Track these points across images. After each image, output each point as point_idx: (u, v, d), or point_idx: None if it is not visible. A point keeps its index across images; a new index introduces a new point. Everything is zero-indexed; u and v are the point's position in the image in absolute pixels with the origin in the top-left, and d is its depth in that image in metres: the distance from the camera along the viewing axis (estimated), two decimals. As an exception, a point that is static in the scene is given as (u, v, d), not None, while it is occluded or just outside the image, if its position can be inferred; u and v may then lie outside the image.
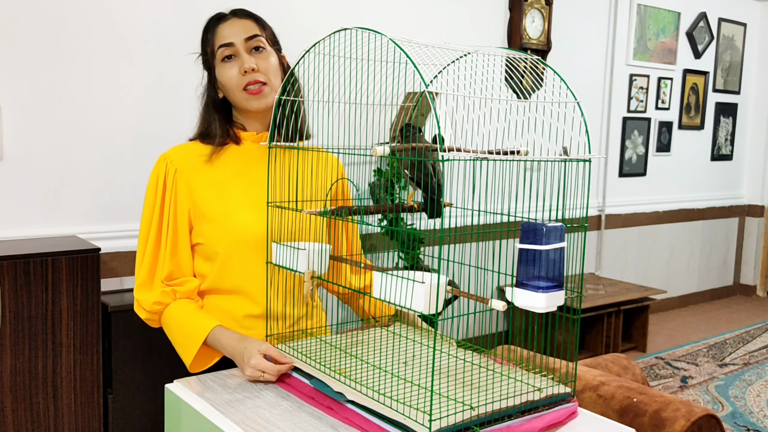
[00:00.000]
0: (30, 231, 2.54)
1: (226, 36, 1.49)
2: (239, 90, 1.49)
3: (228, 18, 1.52)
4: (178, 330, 1.46)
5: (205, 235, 1.49)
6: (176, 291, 1.48)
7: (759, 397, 3.63)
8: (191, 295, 1.50)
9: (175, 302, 1.47)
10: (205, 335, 1.42)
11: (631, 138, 4.89)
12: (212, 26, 1.53)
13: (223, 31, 1.50)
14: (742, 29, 5.67)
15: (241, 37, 1.49)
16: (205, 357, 1.47)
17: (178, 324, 1.46)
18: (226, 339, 1.40)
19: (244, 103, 1.51)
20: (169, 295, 1.47)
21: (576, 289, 1.15)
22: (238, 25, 1.50)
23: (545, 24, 4.12)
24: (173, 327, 1.47)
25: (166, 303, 1.47)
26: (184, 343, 1.45)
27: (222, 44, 1.49)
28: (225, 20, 1.52)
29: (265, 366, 1.30)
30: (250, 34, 1.50)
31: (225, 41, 1.49)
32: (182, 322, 1.45)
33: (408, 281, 1.07)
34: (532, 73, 1.32)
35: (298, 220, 1.47)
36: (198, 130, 1.56)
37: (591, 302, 3.96)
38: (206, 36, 1.54)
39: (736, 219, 5.92)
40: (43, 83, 2.54)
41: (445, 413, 1.06)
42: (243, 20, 1.51)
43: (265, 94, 1.50)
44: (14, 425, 2.19)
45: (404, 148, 1.18)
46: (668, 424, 1.44)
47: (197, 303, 1.50)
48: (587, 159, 1.14)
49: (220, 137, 1.51)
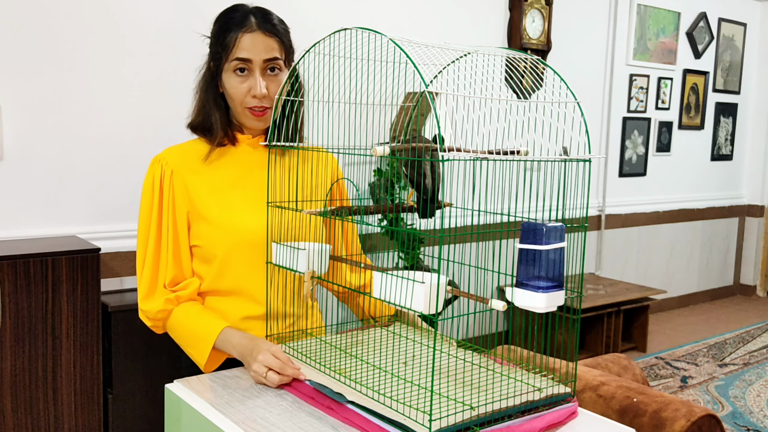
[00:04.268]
0: (30, 231, 2.54)
1: (247, 51, 1.42)
2: (242, 106, 1.47)
3: (253, 29, 1.42)
4: (186, 334, 1.45)
5: (203, 237, 1.48)
6: (179, 296, 1.47)
7: (759, 397, 3.63)
8: (193, 297, 1.49)
9: (179, 307, 1.47)
10: (215, 337, 1.41)
11: (631, 138, 4.89)
12: (234, 29, 1.43)
13: (245, 43, 1.42)
14: (742, 29, 5.67)
15: (261, 57, 1.43)
16: (215, 357, 1.46)
17: (185, 328, 1.45)
18: (237, 339, 1.39)
19: (243, 118, 1.49)
20: (173, 302, 1.46)
21: (576, 289, 1.15)
22: (261, 43, 1.43)
23: (545, 24, 4.12)
24: (181, 331, 1.46)
25: (170, 309, 1.47)
26: (195, 346, 1.44)
27: (240, 57, 1.43)
28: (250, 30, 1.42)
29: (273, 362, 1.27)
30: (270, 56, 1.44)
31: (243, 56, 1.42)
32: (190, 325, 1.44)
33: (408, 281, 1.07)
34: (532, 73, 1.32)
35: (297, 220, 1.46)
36: (195, 119, 1.52)
37: (591, 302, 3.96)
38: (225, 35, 1.44)
39: (736, 219, 5.91)
40: (43, 83, 2.54)
41: (445, 413, 1.06)
42: (268, 38, 1.43)
43: (266, 118, 1.48)
44: (14, 425, 2.19)
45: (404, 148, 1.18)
46: (668, 424, 1.44)
47: (201, 304, 1.50)
48: (587, 159, 1.14)
49: (219, 137, 1.50)
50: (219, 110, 1.50)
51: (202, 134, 1.52)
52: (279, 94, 1.41)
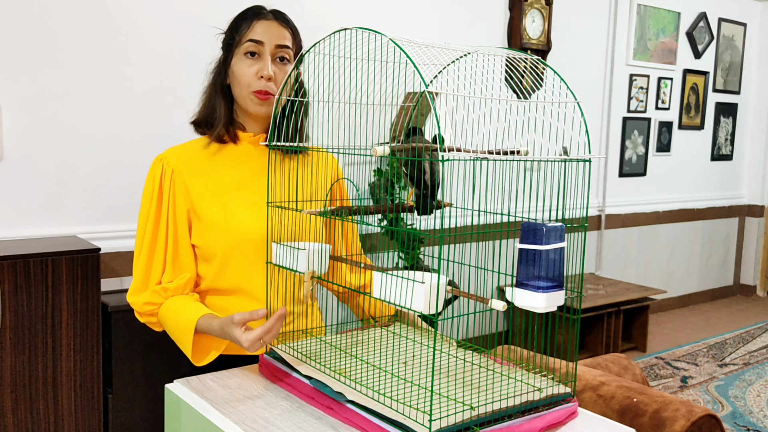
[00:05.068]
0: (30, 231, 2.54)
1: (260, 34, 1.48)
2: (248, 89, 1.48)
3: (268, 17, 1.50)
4: (173, 325, 1.45)
5: (203, 237, 1.48)
6: (166, 288, 1.47)
7: (759, 397, 3.63)
8: (183, 291, 1.49)
9: (167, 300, 1.47)
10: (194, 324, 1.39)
11: (631, 138, 4.89)
12: (249, 16, 1.50)
13: (259, 27, 1.48)
14: (742, 29, 5.67)
15: (274, 42, 1.48)
16: (205, 348, 1.45)
17: (171, 320, 1.45)
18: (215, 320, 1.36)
19: (246, 102, 1.50)
20: (159, 294, 1.46)
21: (576, 289, 1.15)
22: (275, 29, 1.49)
23: (545, 24, 4.12)
24: (168, 324, 1.46)
25: (159, 303, 1.46)
26: (180, 337, 1.43)
27: (252, 39, 1.48)
28: (265, 18, 1.49)
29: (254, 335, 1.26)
30: (282, 42, 1.49)
31: (256, 38, 1.47)
32: (174, 316, 1.44)
33: (408, 281, 1.07)
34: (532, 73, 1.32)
35: (297, 220, 1.46)
36: (200, 115, 1.54)
37: (591, 302, 3.96)
38: (239, 22, 1.51)
39: (736, 219, 5.92)
40: (43, 83, 2.54)
41: (445, 413, 1.06)
42: (281, 27, 1.50)
43: (270, 103, 1.50)
44: (14, 425, 2.19)
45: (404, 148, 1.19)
46: (668, 424, 1.44)
47: (190, 296, 1.49)
48: (587, 159, 1.14)
49: (221, 129, 1.50)
50: (224, 99, 1.53)
51: (204, 130, 1.53)
52: (279, 94, 1.41)
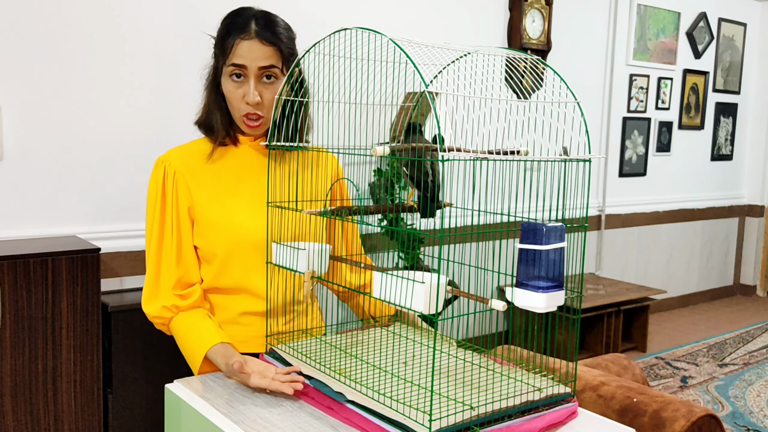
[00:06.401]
0: (30, 231, 2.54)
1: (242, 57, 1.42)
2: (238, 112, 1.47)
3: (251, 37, 1.42)
4: (182, 343, 1.46)
5: (203, 238, 1.48)
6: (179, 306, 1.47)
7: (759, 397, 3.63)
8: (196, 305, 1.49)
9: (180, 314, 1.47)
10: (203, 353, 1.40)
11: (631, 138, 4.89)
12: (233, 34, 1.42)
13: (241, 49, 1.41)
14: (742, 29, 5.67)
15: (257, 64, 1.42)
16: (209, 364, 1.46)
17: (182, 338, 1.46)
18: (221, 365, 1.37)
19: (240, 123, 1.49)
20: (171, 310, 1.46)
21: (576, 289, 1.15)
22: (257, 51, 1.42)
23: (545, 24, 4.12)
24: (179, 340, 1.48)
25: (169, 317, 1.47)
26: (188, 358, 1.46)
27: (235, 63, 1.43)
28: (248, 38, 1.41)
29: (266, 384, 1.27)
30: (266, 63, 1.43)
31: (239, 62, 1.42)
32: (187, 335, 1.45)
33: (408, 281, 1.07)
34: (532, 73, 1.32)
35: (298, 220, 1.47)
36: (201, 117, 1.54)
37: (591, 302, 3.96)
38: (224, 39, 1.45)
39: (736, 219, 5.92)
40: (43, 83, 2.54)
41: (445, 413, 1.06)
42: (265, 46, 1.42)
43: (261, 125, 1.48)
44: (14, 425, 2.19)
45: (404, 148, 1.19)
46: (668, 424, 1.44)
47: (203, 311, 1.49)
48: (587, 159, 1.14)
49: (221, 136, 1.51)
50: (220, 111, 1.51)
51: (206, 132, 1.53)
52: (279, 94, 1.41)
